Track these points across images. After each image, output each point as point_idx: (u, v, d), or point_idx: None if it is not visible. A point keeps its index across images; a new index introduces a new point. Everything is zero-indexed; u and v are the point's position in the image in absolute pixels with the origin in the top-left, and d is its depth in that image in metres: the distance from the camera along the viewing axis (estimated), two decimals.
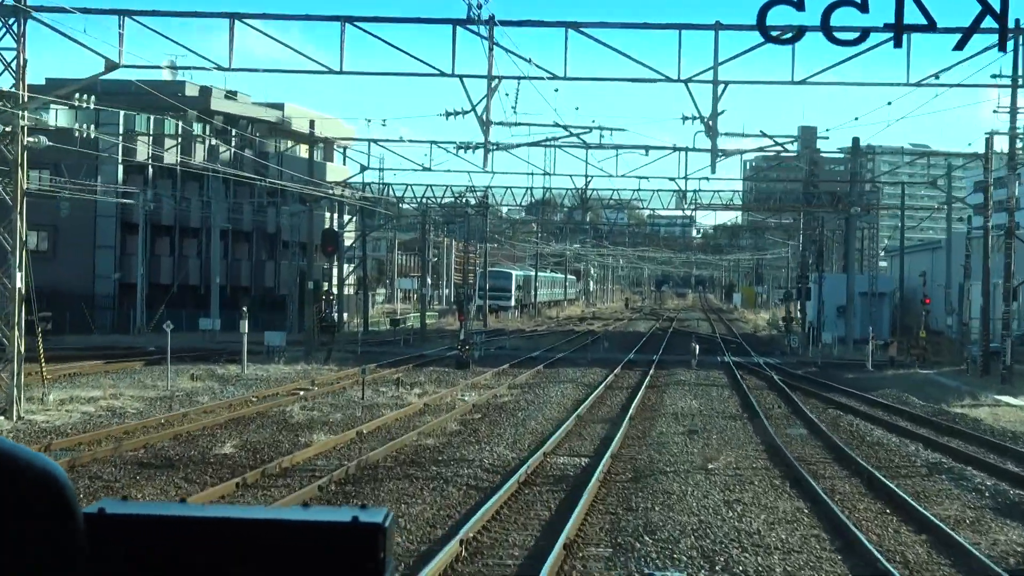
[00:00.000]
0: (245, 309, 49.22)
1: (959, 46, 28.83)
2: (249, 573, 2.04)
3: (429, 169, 61.95)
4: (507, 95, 62.54)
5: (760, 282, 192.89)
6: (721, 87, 34.09)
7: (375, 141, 63.50)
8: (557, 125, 45.90)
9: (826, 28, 27.12)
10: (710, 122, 33.88)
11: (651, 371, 54.17)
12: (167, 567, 2.03)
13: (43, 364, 37.35)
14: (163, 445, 28.34)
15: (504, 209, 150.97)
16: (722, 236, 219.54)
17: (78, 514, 1.85)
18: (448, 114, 40.44)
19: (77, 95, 46.25)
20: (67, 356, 52.80)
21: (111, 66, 31.99)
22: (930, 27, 27.67)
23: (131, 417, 33.43)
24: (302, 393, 40.66)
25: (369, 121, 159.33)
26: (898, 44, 29.01)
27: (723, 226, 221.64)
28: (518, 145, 43.81)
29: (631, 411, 36.97)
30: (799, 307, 76.31)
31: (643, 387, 46.26)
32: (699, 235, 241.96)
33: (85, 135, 56.40)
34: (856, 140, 68.77)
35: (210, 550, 2.03)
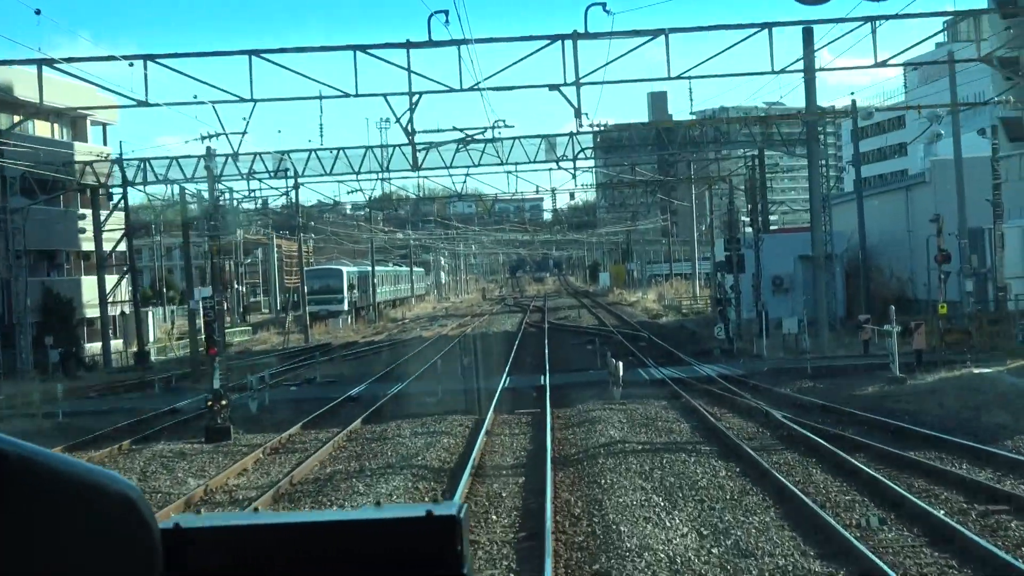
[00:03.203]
0: None
1: None
2: (329, 575, 1.99)
3: (198, 100, 37.28)
4: None
5: (629, 258, 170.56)
6: None
7: (66, 60, 38.35)
8: None
9: None
10: None
11: (547, 416, 31.17)
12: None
13: None
14: None
15: (346, 198, 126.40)
16: (578, 214, 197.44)
17: (155, 531, 1.79)
18: None
19: None
20: None
21: None
22: None
23: None
24: None
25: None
26: None
27: (577, 206, 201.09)
28: None
29: None
30: (732, 283, 53.77)
31: (548, 466, 23.15)
32: (551, 211, 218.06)
33: None
34: (809, 30, 46.54)
35: (287, 555, 1.98)
